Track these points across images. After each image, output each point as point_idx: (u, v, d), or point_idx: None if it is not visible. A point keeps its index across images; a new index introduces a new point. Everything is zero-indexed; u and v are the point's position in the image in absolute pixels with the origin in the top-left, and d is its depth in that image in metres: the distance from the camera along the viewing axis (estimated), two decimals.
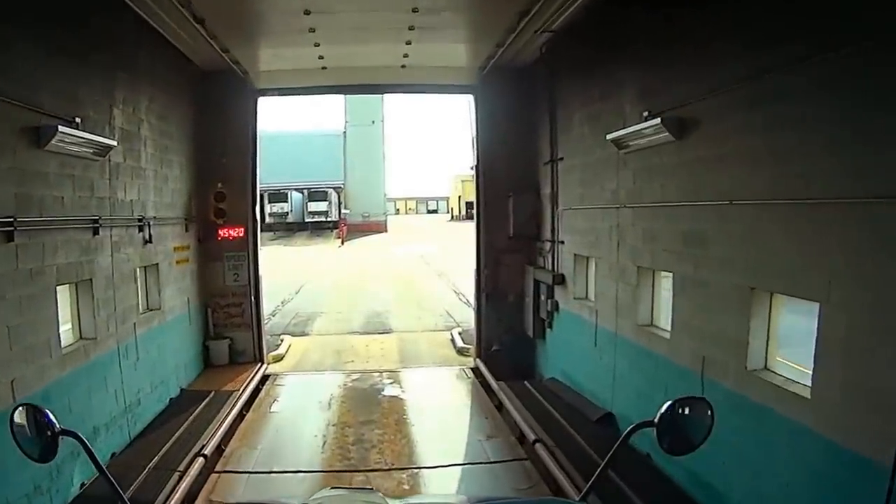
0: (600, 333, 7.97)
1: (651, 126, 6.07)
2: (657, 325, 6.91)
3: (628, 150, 6.90)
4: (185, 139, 9.40)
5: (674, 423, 2.02)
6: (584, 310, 8.54)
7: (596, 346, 8.12)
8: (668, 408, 2.02)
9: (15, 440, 2.00)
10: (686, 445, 2.03)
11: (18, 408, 2.03)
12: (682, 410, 2.04)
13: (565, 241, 9.12)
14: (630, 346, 7.14)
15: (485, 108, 10.58)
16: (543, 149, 9.94)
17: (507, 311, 10.77)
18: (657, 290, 6.94)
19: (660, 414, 2.01)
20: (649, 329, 6.88)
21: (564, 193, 9.17)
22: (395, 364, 11.22)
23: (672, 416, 2.02)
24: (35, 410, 2.01)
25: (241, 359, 10.48)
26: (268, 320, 15.62)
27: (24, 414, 2.02)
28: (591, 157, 8.05)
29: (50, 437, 1.97)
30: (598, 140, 7.78)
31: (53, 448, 1.99)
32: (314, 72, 9.54)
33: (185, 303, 9.44)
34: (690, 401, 2.07)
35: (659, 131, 5.99)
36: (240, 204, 10.05)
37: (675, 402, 2.04)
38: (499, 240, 10.58)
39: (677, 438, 2.02)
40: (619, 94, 7.16)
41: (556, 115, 9.42)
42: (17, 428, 2.00)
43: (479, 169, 10.65)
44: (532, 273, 10.12)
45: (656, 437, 2.02)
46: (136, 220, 7.58)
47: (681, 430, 2.02)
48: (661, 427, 2.00)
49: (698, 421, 2.03)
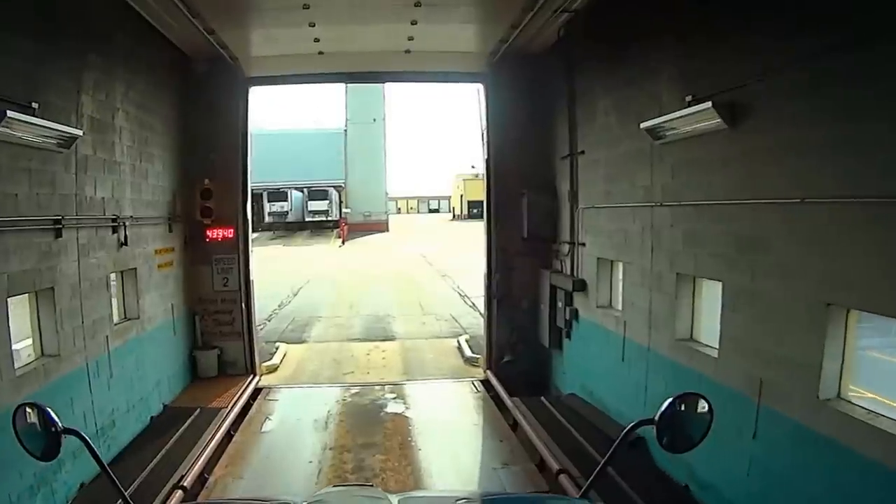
0: (629, 347, 7.15)
1: (698, 112, 5.23)
2: (697, 339, 6.10)
3: (665, 141, 6.07)
4: (169, 132, 8.58)
5: (674, 421, 2.01)
6: (608, 320, 7.71)
7: (624, 360, 7.29)
8: (667, 405, 2.02)
9: (18, 439, 2.01)
10: (686, 443, 2.03)
11: (21, 407, 2.04)
12: (681, 408, 2.03)
13: (587, 243, 8.28)
14: (666, 362, 6.32)
15: (495, 99, 9.74)
16: (560, 142, 9.11)
17: (519, 318, 9.94)
18: (698, 300, 6.11)
19: (660, 412, 2.01)
20: (689, 345, 6.04)
21: (585, 191, 8.34)
22: (399, 375, 10.39)
23: (672, 414, 2.02)
24: (37, 409, 2.02)
25: (231, 370, 9.65)
26: (263, 325, 14.85)
27: (27, 413, 2.03)
28: (619, 149, 7.22)
29: (52, 435, 1.99)
30: (627, 131, 6.96)
31: (56, 447, 2.01)
32: (310, 57, 8.69)
33: (169, 310, 8.62)
34: (690, 397, 2.06)
35: (707, 118, 5.16)
36: (229, 202, 9.21)
37: (675, 399, 2.04)
38: (511, 242, 9.74)
39: (677, 436, 2.03)
40: (654, 78, 6.32)
41: (575, 104, 8.59)
42: (19, 427, 2.02)
43: (490, 164, 9.81)
44: (548, 278, 9.29)
45: (656, 435, 2.01)
46: (110, 220, 6.76)
47: (680, 427, 2.02)
48: (661, 425, 2.00)
49: (698, 418, 2.03)
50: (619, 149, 7.24)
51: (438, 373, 10.47)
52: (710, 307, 5.97)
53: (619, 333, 7.37)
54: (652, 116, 6.07)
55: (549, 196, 9.35)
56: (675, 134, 5.87)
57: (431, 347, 12.30)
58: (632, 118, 6.75)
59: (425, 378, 10.03)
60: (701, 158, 5.57)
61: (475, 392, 9.41)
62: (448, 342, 12.72)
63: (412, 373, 10.51)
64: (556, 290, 9.10)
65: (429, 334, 13.82)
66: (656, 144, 6.22)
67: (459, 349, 11.90)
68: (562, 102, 8.89)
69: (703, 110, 5.14)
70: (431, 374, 10.40)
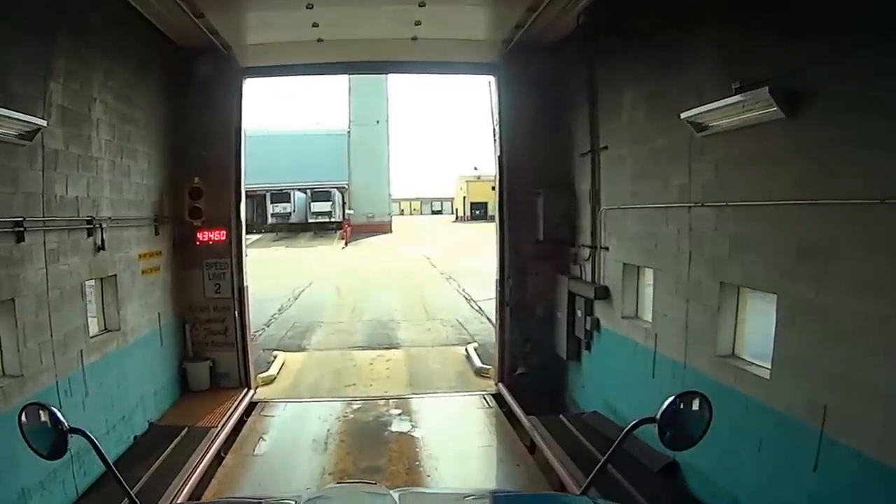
0: (660, 362, 6.45)
1: (749, 100, 4.54)
2: (740, 356, 5.40)
3: (708, 134, 5.37)
4: (155, 126, 7.91)
5: (675, 419, 2.09)
6: (636, 331, 7.01)
7: (654, 377, 6.59)
8: (669, 404, 2.09)
9: (24, 438, 2.03)
10: (687, 441, 2.11)
11: (27, 406, 2.06)
12: (682, 406, 2.10)
13: (610, 247, 7.58)
14: (705, 381, 5.59)
15: (508, 92, 9.04)
16: (580, 138, 8.41)
17: (534, 327, 9.24)
18: (743, 313, 5.41)
19: (661, 410, 2.08)
20: (733, 362, 5.35)
21: (609, 190, 7.64)
22: (404, 388, 9.69)
23: (673, 412, 2.09)
24: (44, 409, 2.04)
25: (224, 383, 8.97)
26: (262, 331, 14.20)
27: (33, 412, 2.04)
28: (649, 144, 6.52)
29: (59, 435, 2.00)
30: (659, 124, 6.28)
31: (63, 446, 2.02)
32: (309, 45, 8.00)
33: (155, 320, 7.94)
34: (690, 396, 2.13)
35: (761, 106, 4.46)
36: (221, 203, 8.52)
37: (676, 398, 2.11)
38: (525, 245, 9.04)
39: (678, 434, 2.10)
40: (693, 64, 5.61)
41: (596, 97, 7.89)
42: (26, 426, 2.03)
43: (502, 162, 9.11)
44: (566, 284, 8.59)
45: (657, 433, 2.08)
46: (84, 222, 6.09)
47: (681, 425, 2.10)
48: (663, 422, 2.07)
49: (698, 417, 2.10)
50: (648, 144, 6.54)
51: (446, 385, 9.78)
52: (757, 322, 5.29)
53: (649, 347, 6.68)
54: (691, 107, 5.38)
55: (566, 196, 8.65)
56: (719, 126, 5.18)
57: (438, 356, 11.61)
58: (665, 110, 6.07)
59: (432, 391, 9.33)
60: (752, 153, 4.86)
61: (487, 407, 8.72)
62: (456, 350, 12.02)
63: (418, 385, 9.81)
64: (575, 297, 8.40)
65: (435, 341, 13.14)
66: (696, 138, 5.53)
67: (468, 358, 11.20)
68: (581, 95, 8.20)
69: (757, 98, 4.45)
70: (439, 386, 9.71)
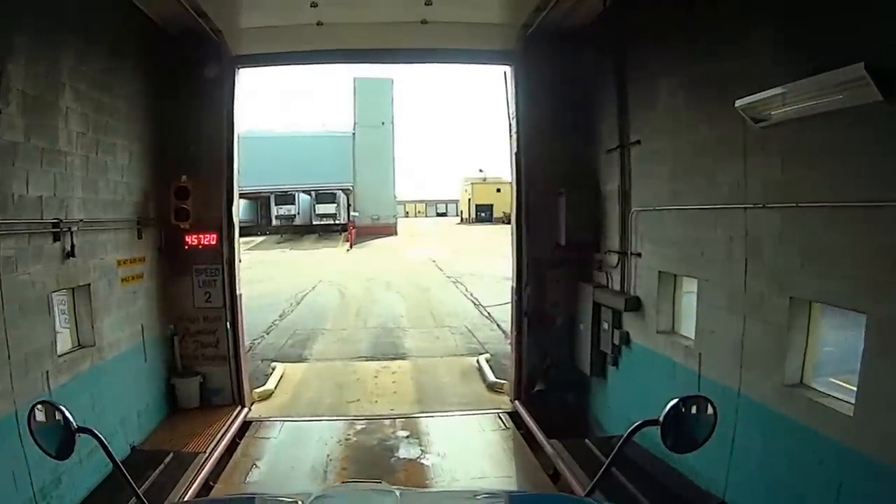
0: (706, 387, 5.64)
1: (839, 80, 3.74)
2: (811, 386, 4.60)
3: (769, 124, 4.58)
4: (139, 118, 7.17)
5: (678, 422, 2.03)
6: (674, 349, 6.22)
7: None
8: (672, 407, 2.03)
9: (33, 437, 2.03)
10: (690, 444, 2.06)
11: (36, 405, 2.05)
12: (685, 409, 2.04)
13: (643, 253, 6.79)
14: (766, 414, 4.81)
15: (526, 82, 8.26)
16: (606, 132, 7.63)
17: (553, 339, 8.46)
18: (815, 334, 4.61)
19: (664, 413, 2.02)
20: (803, 393, 4.54)
21: (641, 189, 6.86)
22: (412, 405, 8.91)
23: (676, 415, 2.02)
24: (52, 407, 2.03)
25: (216, 399, 8.22)
26: (261, 339, 13.49)
27: (41, 411, 2.04)
28: (693, 136, 5.74)
29: (67, 434, 1.99)
30: (705, 113, 5.50)
31: (71, 445, 2.00)
32: (307, 30, 7.22)
33: (138, 333, 7.20)
34: (694, 399, 2.08)
35: (854, 87, 3.67)
36: (212, 203, 7.76)
37: (680, 400, 2.05)
38: (545, 250, 8.25)
39: (681, 437, 2.04)
40: (752, 42, 4.82)
41: (626, 86, 7.11)
42: (34, 425, 2.03)
43: (520, 159, 8.32)
44: (590, 293, 7.79)
45: (660, 436, 2.04)
46: (50, 225, 5.35)
47: (685, 429, 2.03)
48: (666, 426, 2.02)
49: (702, 420, 2.05)
50: (692, 136, 5.75)
51: (457, 401, 8.98)
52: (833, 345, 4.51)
53: (691, 368, 5.88)
54: (749, 92, 4.60)
55: (590, 196, 7.86)
56: (785, 114, 4.39)
57: (448, 368, 10.83)
58: (713, 97, 5.31)
59: (443, 410, 8.51)
60: (833, 144, 4.06)
61: (503, 428, 7.92)
62: (466, 361, 11.24)
63: (427, 401, 9.03)
64: (601, 308, 7.61)
65: (444, 351, 12.36)
66: (753, 129, 4.74)
67: (480, 371, 10.42)
68: (608, 85, 7.42)
69: (848, 77, 3.66)
70: (449, 403, 8.91)
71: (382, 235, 48.71)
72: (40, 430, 2.02)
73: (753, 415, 5.03)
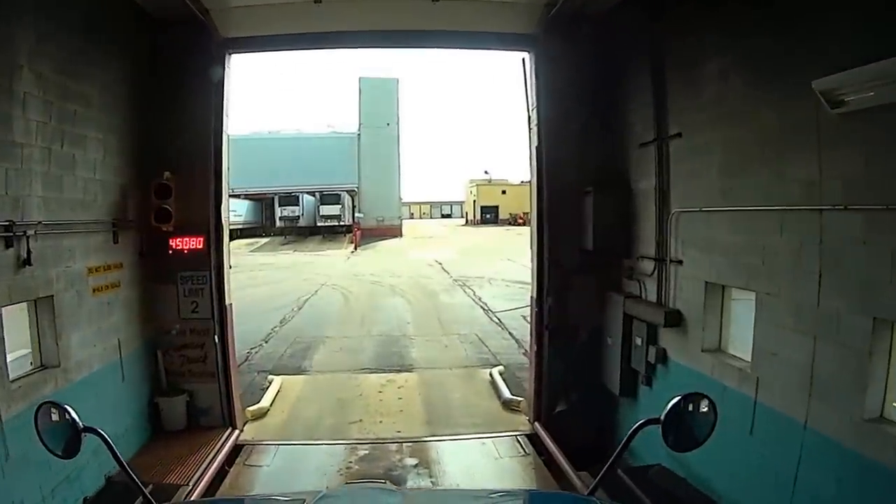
0: (763, 416, 4.84)
1: None
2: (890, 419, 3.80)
3: (849, 110, 3.78)
4: (116, 108, 6.40)
5: (679, 421, 2.03)
6: (723, 371, 5.40)
7: (752, 434, 4.99)
8: (673, 405, 2.03)
9: (39, 437, 2.05)
10: (691, 442, 2.06)
11: (42, 405, 2.07)
12: (687, 407, 2.05)
13: (684, 260, 5.97)
14: (839, 452, 4.01)
15: (548, 70, 7.45)
16: (639, 124, 6.82)
17: (577, 354, 7.63)
18: None
19: (665, 412, 2.03)
20: (887, 429, 3.73)
21: (683, 187, 6.04)
22: (420, 425, 8.09)
23: (677, 414, 2.03)
24: (58, 408, 2.05)
25: (204, 420, 7.44)
26: (259, 347, 12.73)
27: (48, 411, 2.06)
28: (751, 125, 4.92)
29: (73, 433, 2.02)
30: (770, 97, 4.68)
31: (76, 445, 2.03)
32: (304, 9, 6.42)
33: (115, 348, 6.42)
34: (694, 398, 2.08)
35: None
36: (198, 203, 6.96)
37: (680, 399, 2.05)
38: (568, 255, 7.43)
39: (683, 435, 2.05)
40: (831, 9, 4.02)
41: (664, 71, 6.30)
42: (41, 425, 2.05)
43: (540, 154, 7.49)
44: (620, 304, 6.97)
45: (662, 435, 2.04)
46: (1, 228, 4.59)
47: (686, 427, 2.04)
48: (667, 424, 2.03)
49: (702, 418, 2.05)
50: (750, 125, 4.93)
51: (470, 421, 8.15)
52: None
53: (745, 394, 5.06)
54: (828, 70, 3.80)
55: (621, 195, 7.05)
56: (878, 96, 3.58)
57: (458, 382, 10.01)
58: (780, 78, 4.52)
59: (455, 433, 7.68)
60: None
61: (522, 454, 7.10)
62: (478, 374, 10.42)
63: (437, 421, 8.20)
64: (633, 320, 6.79)
65: (453, 362, 11.54)
66: (830, 117, 3.94)
67: (493, 385, 9.59)
68: (642, 71, 6.61)
69: None
70: (461, 423, 8.08)
71: (387, 237, 48.20)
72: (47, 430, 2.05)
73: (823, 452, 4.23)
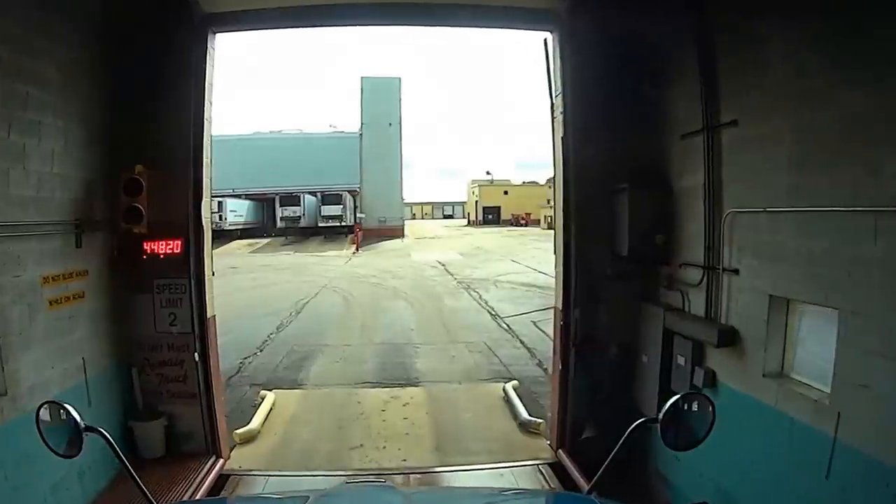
0: (845, 457, 3.97)
1: None
2: None
3: None
4: (79, 91, 5.55)
5: (677, 420, 2.06)
6: (792, 401, 4.52)
7: (828, 478, 4.11)
8: (671, 404, 2.06)
9: (41, 436, 2.07)
10: (689, 441, 2.09)
11: (44, 405, 2.09)
12: (685, 406, 2.07)
13: (742, 269, 5.10)
14: None
15: (574, 51, 6.58)
16: (681, 112, 5.95)
17: (605, 372, 6.76)
18: None
19: (664, 410, 2.05)
20: None
21: (740, 184, 5.16)
22: (428, 452, 7.21)
23: (676, 413, 2.06)
24: (59, 407, 2.07)
25: (185, 446, 6.58)
26: (253, 357, 11.90)
27: (49, 411, 2.08)
28: (834, 110, 4.04)
29: (75, 433, 2.04)
30: (857, 75, 3.81)
31: (78, 444, 2.06)
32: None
33: (78, 369, 5.57)
34: (692, 397, 2.11)
35: None
36: (176, 202, 6.08)
37: (678, 398, 2.08)
38: (598, 261, 6.55)
39: (681, 434, 2.07)
40: None
41: (714, 48, 5.43)
42: (42, 424, 2.07)
43: (566, 145, 6.59)
44: (659, 318, 6.09)
45: (660, 433, 2.07)
46: None
47: (685, 426, 2.06)
48: (665, 423, 2.06)
49: (700, 417, 2.06)
50: (832, 110, 4.05)
51: (484, 447, 7.28)
52: None
53: (822, 430, 4.18)
54: None
55: (660, 194, 6.18)
56: None
57: (469, 399, 9.13)
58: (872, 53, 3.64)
59: (468, 462, 6.76)
60: None
61: (544, 484, 6.25)
62: (490, 389, 9.55)
63: (447, 447, 7.31)
64: (674, 336, 5.91)
65: (462, 374, 10.69)
66: None
67: (507, 402, 8.72)
68: (686, 50, 5.72)
69: None
70: (474, 450, 7.20)
71: (389, 238, 47.62)
72: (48, 430, 2.06)
73: None
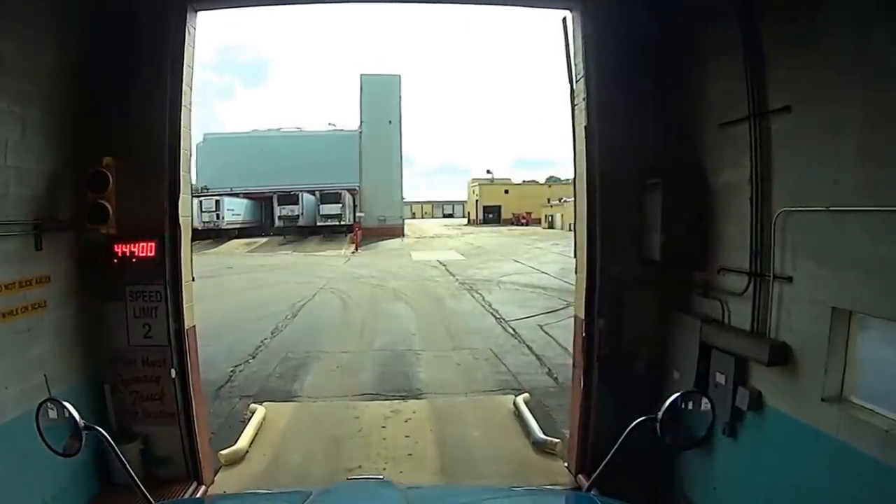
0: None
1: None
2: None
3: None
4: (40, 73, 4.89)
5: (676, 419, 2.10)
6: (855, 430, 3.86)
7: None
8: (670, 403, 2.10)
9: (40, 435, 2.10)
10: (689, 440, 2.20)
11: (43, 403, 2.12)
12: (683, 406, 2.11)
13: (796, 276, 4.44)
14: None
15: (596, 30, 5.93)
16: (719, 97, 5.30)
17: (630, 388, 6.08)
18: None
19: (663, 409, 2.09)
20: None
21: (794, 179, 4.50)
22: (433, 475, 6.49)
23: (675, 412, 2.11)
24: (59, 406, 2.10)
25: (163, 471, 5.90)
26: (244, 365, 11.25)
27: (49, 409, 2.12)
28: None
29: (74, 432, 2.07)
30: None
31: (78, 443, 2.08)
32: None
33: (40, 389, 4.88)
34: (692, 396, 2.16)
35: None
36: (149, 199, 5.41)
37: (678, 397, 2.12)
38: (624, 265, 5.89)
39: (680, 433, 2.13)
40: None
41: (759, 24, 4.77)
42: (42, 423, 2.11)
43: (590, 133, 5.90)
44: (696, 330, 5.42)
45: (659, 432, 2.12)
46: None
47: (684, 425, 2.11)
48: (664, 422, 2.11)
49: (700, 417, 2.12)
50: None
51: (495, 470, 6.61)
52: None
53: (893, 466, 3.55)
54: None
55: (693, 190, 5.52)
56: None
57: (476, 413, 8.45)
58: None
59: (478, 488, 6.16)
60: None
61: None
62: (498, 402, 8.88)
63: (454, 470, 6.63)
64: (713, 351, 5.26)
65: (468, 385, 10.03)
66: None
67: (519, 418, 8.04)
68: (726, 27, 5.05)
69: None
70: (485, 473, 6.52)
71: (389, 237, 47.12)
72: (48, 429, 2.09)
73: None
